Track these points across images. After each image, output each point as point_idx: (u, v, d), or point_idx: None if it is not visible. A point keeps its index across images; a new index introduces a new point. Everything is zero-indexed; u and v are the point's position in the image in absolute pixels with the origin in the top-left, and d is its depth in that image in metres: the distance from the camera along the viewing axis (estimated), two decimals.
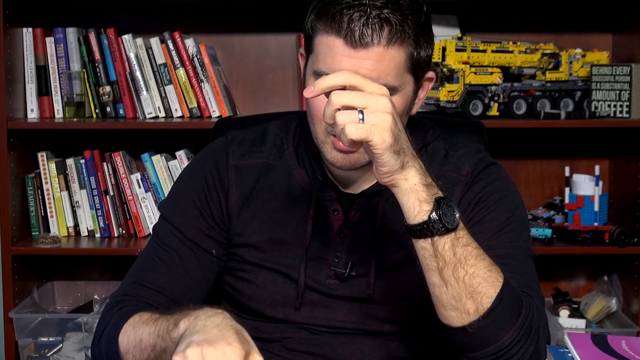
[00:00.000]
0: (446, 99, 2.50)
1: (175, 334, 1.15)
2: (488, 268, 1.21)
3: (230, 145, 1.46)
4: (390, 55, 1.28)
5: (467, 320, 1.21)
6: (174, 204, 1.45)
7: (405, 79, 1.32)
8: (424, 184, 1.18)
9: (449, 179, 1.40)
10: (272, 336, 1.43)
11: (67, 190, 2.66)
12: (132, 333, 1.28)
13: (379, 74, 1.27)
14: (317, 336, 1.41)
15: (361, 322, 1.40)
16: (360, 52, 1.26)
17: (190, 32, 2.73)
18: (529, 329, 1.24)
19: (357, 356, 1.40)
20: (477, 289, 1.20)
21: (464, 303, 1.20)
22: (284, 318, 1.41)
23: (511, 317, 1.23)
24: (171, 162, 2.66)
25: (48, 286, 2.80)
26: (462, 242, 1.19)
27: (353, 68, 1.26)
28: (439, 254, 1.19)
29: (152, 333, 1.23)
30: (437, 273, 1.20)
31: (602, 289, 2.76)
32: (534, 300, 1.28)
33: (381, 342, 1.41)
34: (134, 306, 1.34)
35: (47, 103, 2.64)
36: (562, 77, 2.64)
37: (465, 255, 1.19)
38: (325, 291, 1.40)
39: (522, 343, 1.23)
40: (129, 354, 1.27)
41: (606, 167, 2.82)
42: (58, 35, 2.64)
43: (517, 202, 1.42)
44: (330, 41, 1.28)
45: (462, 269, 1.19)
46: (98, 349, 1.34)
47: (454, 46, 2.54)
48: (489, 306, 1.20)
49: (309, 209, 1.40)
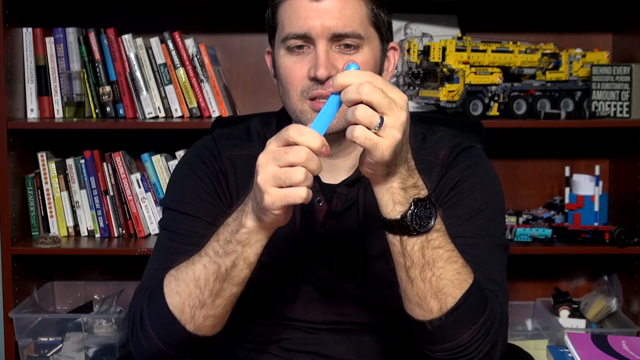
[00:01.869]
0: (446, 99, 2.50)
1: (240, 233, 1.19)
2: (457, 270, 1.21)
3: (219, 140, 1.48)
4: (352, 4, 1.34)
5: (429, 317, 1.22)
6: (181, 196, 1.44)
7: (370, 32, 1.36)
8: (402, 188, 1.17)
9: (426, 162, 1.40)
10: (269, 338, 1.43)
11: (67, 190, 2.66)
12: (178, 284, 1.25)
13: (345, 22, 1.32)
14: (313, 335, 1.41)
15: (354, 314, 1.40)
16: (323, 3, 1.32)
17: (190, 32, 2.73)
18: (489, 329, 1.25)
19: (354, 353, 1.41)
20: (443, 290, 1.20)
21: (428, 302, 1.21)
22: (279, 314, 1.41)
23: (473, 317, 1.23)
24: (171, 162, 2.66)
25: (48, 286, 2.80)
26: (433, 244, 1.19)
27: (320, 21, 1.31)
28: (407, 254, 1.19)
29: (207, 261, 1.22)
30: (403, 270, 1.21)
31: (602, 289, 2.76)
32: (498, 301, 1.29)
33: (377, 338, 1.42)
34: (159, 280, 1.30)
35: (47, 103, 2.64)
36: (562, 77, 2.64)
37: (435, 257, 1.19)
38: (317, 283, 1.41)
39: (480, 342, 1.24)
40: (186, 306, 1.25)
41: (606, 167, 2.82)
42: (58, 35, 2.64)
43: (494, 188, 1.42)
44: (292, 3, 1.34)
45: (429, 271, 1.19)
46: (144, 336, 1.29)
47: (454, 46, 2.54)
48: (452, 306, 1.21)
49: None
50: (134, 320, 1.32)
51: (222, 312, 1.26)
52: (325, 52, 1.32)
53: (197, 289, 1.23)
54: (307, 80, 1.34)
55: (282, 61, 1.37)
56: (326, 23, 1.32)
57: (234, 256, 1.20)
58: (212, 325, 1.28)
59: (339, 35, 1.33)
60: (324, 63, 1.31)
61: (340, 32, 1.32)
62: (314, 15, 1.32)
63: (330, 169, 1.42)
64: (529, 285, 2.87)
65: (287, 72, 1.36)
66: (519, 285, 2.84)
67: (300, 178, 1.09)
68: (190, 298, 1.24)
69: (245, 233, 1.19)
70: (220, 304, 1.24)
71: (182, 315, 1.25)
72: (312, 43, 1.33)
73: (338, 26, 1.32)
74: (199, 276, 1.23)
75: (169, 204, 1.46)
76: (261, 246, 1.21)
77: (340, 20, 1.32)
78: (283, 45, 1.36)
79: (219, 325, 1.29)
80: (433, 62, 2.55)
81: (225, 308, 1.26)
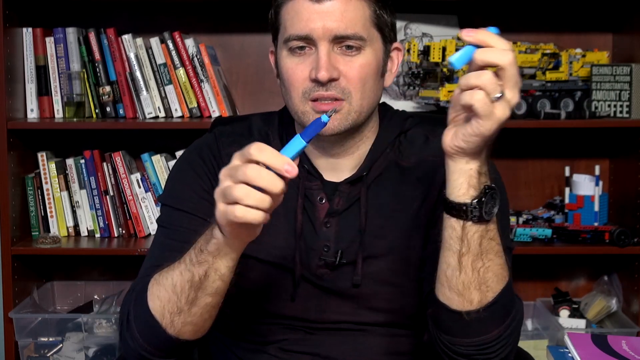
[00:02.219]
0: (446, 99, 2.50)
1: (210, 244, 1.17)
2: (502, 266, 1.23)
3: (220, 137, 1.48)
4: (354, 5, 1.33)
5: (467, 308, 1.22)
6: (179, 193, 1.44)
7: (372, 34, 1.36)
8: (479, 172, 1.18)
9: (430, 163, 1.41)
10: (268, 339, 1.43)
11: (67, 190, 2.66)
12: (159, 289, 1.26)
13: (346, 24, 1.32)
14: (312, 336, 1.41)
15: (353, 313, 1.40)
16: (325, 5, 1.32)
17: (190, 32, 2.73)
18: (514, 330, 1.26)
19: (352, 354, 1.40)
20: (487, 283, 1.21)
21: (471, 292, 1.21)
22: (277, 312, 1.41)
23: (504, 315, 1.24)
24: (171, 162, 2.66)
25: (48, 286, 2.80)
26: (490, 235, 1.20)
27: (321, 23, 1.31)
28: (466, 240, 1.19)
29: (184, 268, 1.22)
30: (456, 256, 1.20)
31: (602, 289, 2.76)
32: (521, 305, 1.30)
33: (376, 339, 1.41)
34: (149, 279, 1.31)
35: (47, 103, 2.64)
36: (562, 77, 2.64)
37: (489, 248, 1.20)
38: (316, 281, 1.40)
39: (505, 342, 1.25)
40: (165, 311, 1.25)
41: (606, 167, 2.82)
42: (58, 35, 2.64)
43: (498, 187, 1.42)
44: (295, 4, 1.34)
45: (480, 261, 1.20)
46: (130, 336, 1.30)
47: (454, 46, 2.54)
48: (491, 300, 1.21)
49: (297, 198, 1.41)
50: (122, 320, 1.33)
51: (200, 320, 1.25)
52: (326, 54, 1.32)
53: (175, 296, 1.23)
54: (309, 82, 1.34)
55: (284, 62, 1.37)
56: (328, 25, 1.31)
57: (206, 266, 1.20)
58: (193, 331, 1.27)
59: (341, 37, 1.32)
60: (325, 65, 1.31)
61: (342, 34, 1.32)
62: (315, 17, 1.32)
63: (333, 167, 1.42)
64: (529, 285, 2.87)
65: (290, 74, 1.36)
66: (519, 285, 2.83)
67: (238, 195, 1.06)
68: (170, 304, 1.24)
69: (215, 244, 1.18)
70: (197, 312, 1.24)
71: (162, 319, 1.26)
72: (314, 44, 1.33)
73: (340, 28, 1.32)
74: (175, 283, 1.23)
75: (166, 201, 1.46)
76: (231, 260, 1.19)
77: (342, 22, 1.32)
78: (285, 46, 1.36)
79: (201, 331, 1.28)
80: (433, 62, 2.55)
81: (202, 317, 1.25)
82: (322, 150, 1.41)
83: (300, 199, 1.40)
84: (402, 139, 1.46)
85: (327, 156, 1.42)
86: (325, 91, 1.33)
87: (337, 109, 1.33)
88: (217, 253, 1.19)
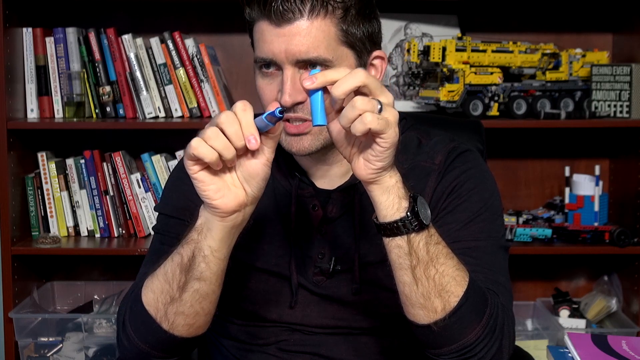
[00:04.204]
0: (446, 99, 2.50)
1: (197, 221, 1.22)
2: (456, 267, 1.22)
3: None
4: (316, 27, 1.29)
5: (434, 318, 1.21)
6: (175, 202, 1.45)
7: (340, 52, 1.32)
8: (402, 182, 1.18)
9: (423, 168, 1.40)
10: (267, 341, 1.43)
11: (67, 190, 2.66)
12: (152, 281, 1.27)
13: (307, 48, 1.28)
14: (311, 337, 1.41)
15: (352, 318, 1.40)
16: (285, 29, 1.28)
17: (190, 32, 2.73)
18: (493, 327, 1.25)
19: (352, 354, 1.41)
20: (446, 288, 1.20)
21: (432, 301, 1.20)
22: (277, 319, 1.41)
23: (476, 316, 1.23)
24: (171, 162, 2.66)
25: (48, 286, 2.80)
26: (434, 239, 1.20)
27: (284, 46, 1.28)
28: (413, 252, 1.19)
29: (175, 253, 1.24)
30: (409, 271, 1.20)
31: (602, 289, 2.76)
32: (499, 298, 1.29)
33: (376, 340, 1.41)
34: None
35: (47, 103, 2.64)
36: (562, 77, 2.64)
37: (437, 253, 1.20)
38: (313, 289, 1.40)
39: (486, 342, 1.24)
40: (159, 303, 1.26)
41: (606, 167, 2.82)
42: (58, 35, 2.64)
43: (491, 190, 1.41)
44: (260, 26, 1.32)
45: (433, 267, 1.19)
46: (125, 336, 1.31)
47: (454, 46, 2.54)
48: (455, 305, 1.21)
49: (290, 205, 1.40)
50: (118, 323, 1.34)
51: (191, 310, 1.25)
52: (290, 78, 1.29)
53: (167, 284, 1.24)
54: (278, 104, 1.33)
55: (257, 80, 1.37)
56: (290, 48, 1.28)
57: (193, 245, 1.22)
58: (186, 325, 1.26)
59: (303, 60, 1.29)
60: (288, 90, 1.29)
61: (303, 58, 1.28)
62: (277, 40, 1.29)
63: (324, 175, 1.42)
64: (529, 285, 2.87)
65: (261, 93, 1.37)
66: (519, 285, 2.84)
67: (207, 134, 1.14)
68: (162, 294, 1.25)
69: (200, 221, 1.21)
70: (187, 300, 1.24)
71: (156, 313, 1.26)
72: (280, 67, 1.31)
73: (301, 52, 1.28)
74: (167, 269, 1.25)
75: (163, 209, 1.47)
76: (212, 239, 1.21)
77: (304, 46, 1.28)
78: (255, 64, 1.36)
79: (195, 326, 1.28)
80: (433, 62, 2.55)
81: (193, 307, 1.25)
82: (313, 158, 1.40)
83: (293, 206, 1.40)
84: None
85: (319, 164, 1.41)
86: (293, 113, 1.31)
87: (305, 132, 1.31)
88: (201, 229, 1.21)
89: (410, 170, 1.40)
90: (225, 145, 1.13)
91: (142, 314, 1.28)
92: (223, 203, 1.18)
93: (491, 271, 1.32)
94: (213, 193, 1.17)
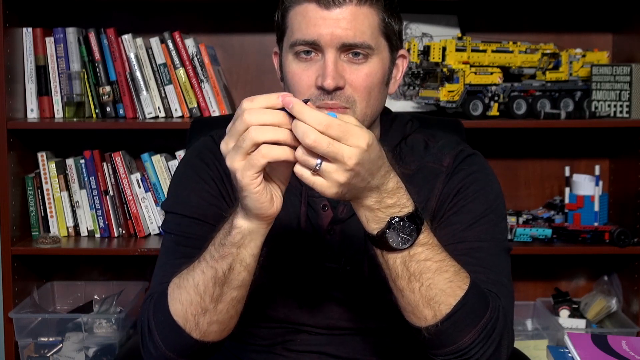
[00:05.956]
0: (446, 99, 2.50)
1: (232, 235, 1.16)
2: (449, 279, 1.20)
3: (218, 140, 1.44)
4: (364, 13, 1.31)
5: (424, 324, 1.21)
6: (185, 199, 1.42)
7: (380, 42, 1.34)
8: (377, 208, 1.14)
9: (431, 170, 1.41)
10: (274, 340, 1.43)
11: (67, 190, 2.66)
12: (180, 292, 1.23)
13: (355, 32, 1.30)
14: (316, 337, 1.41)
15: (359, 319, 1.40)
16: (334, 12, 1.29)
17: (190, 32, 2.73)
18: (491, 331, 1.24)
19: (360, 352, 1.41)
20: (434, 299, 1.19)
21: (421, 310, 1.20)
22: (284, 318, 1.41)
23: (472, 321, 1.22)
24: (171, 162, 2.66)
25: (48, 286, 2.80)
26: (418, 258, 1.18)
27: (330, 30, 1.29)
28: (389, 267, 1.19)
29: (205, 266, 1.20)
30: (391, 281, 1.20)
31: (602, 289, 2.76)
32: (500, 300, 1.28)
33: (384, 339, 1.41)
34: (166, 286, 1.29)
35: (47, 103, 2.64)
36: (562, 77, 2.64)
37: (421, 269, 1.18)
38: (322, 288, 1.40)
39: (482, 344, 1.23)
40: (189, 314, 1.23)
41: (606, 167, 2.82)
42: (58, 35, 2.64)
43: (496, 193, 1.42)
44: (303, 9, 1.31)
45: (416, 282, 1.18)
46: (152, 345, 1.28)
47: (454, 46, 2.54)
48: (448, 312, 1.20)
49: (300, 206, 1.40)
50: (142, 329, 1.31)
51: (226, 317, 1.24)
52: (333, 62, 1.30)
53: (198, 296, 1.21)
54: (314, 89, 1.32)
55: (289, 66, 1.35)
56: (336, 32, 1.29)
57: (230, 259, 1.18)
58: (219, 331, 1.26)
59: (349, 45, 1.30)
60: (331, 73, 1.29)
61: (350, 42, 1.30)
62: (324, 23, 1.29)
63: None
64: (529, 285, 2.87)
65: (295, 79, 1.34)
66: (519, 285, 2.84)
67: (252, 136, 1.05)
68: (192, 306, 1.22)
69: (238, 233, 1.17)
70: (223, 309, 1.22)
71: (186, 323, 1.24)
72: (321, 51, 1.31)
73: (348, 36, 1.29)
74: (198, 282, 1.21)
75: (173, 208, 1.43)
76: (256, 247, 1.18)
77: (351, 31, 1.29)
78: (291, 50, 1.34)
79: (227, 329, 1.27)
80: (433, 62, 2.55)
81: (228, 313, 1.24)
82: None
83: (303, 207, 1.40)
84: (403, 145, 1.46)
85: None
86: (330, 100, 1.31)
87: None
88: (242, 242, 1.17)
89: (418, 171, 1.41)
90: (285, 133, 1.07)
91: (170, 323, 1.25)
92: (276, 209, 1.15)
93: (493, 272, 1.32)
94: (268, 202, 1.13)
